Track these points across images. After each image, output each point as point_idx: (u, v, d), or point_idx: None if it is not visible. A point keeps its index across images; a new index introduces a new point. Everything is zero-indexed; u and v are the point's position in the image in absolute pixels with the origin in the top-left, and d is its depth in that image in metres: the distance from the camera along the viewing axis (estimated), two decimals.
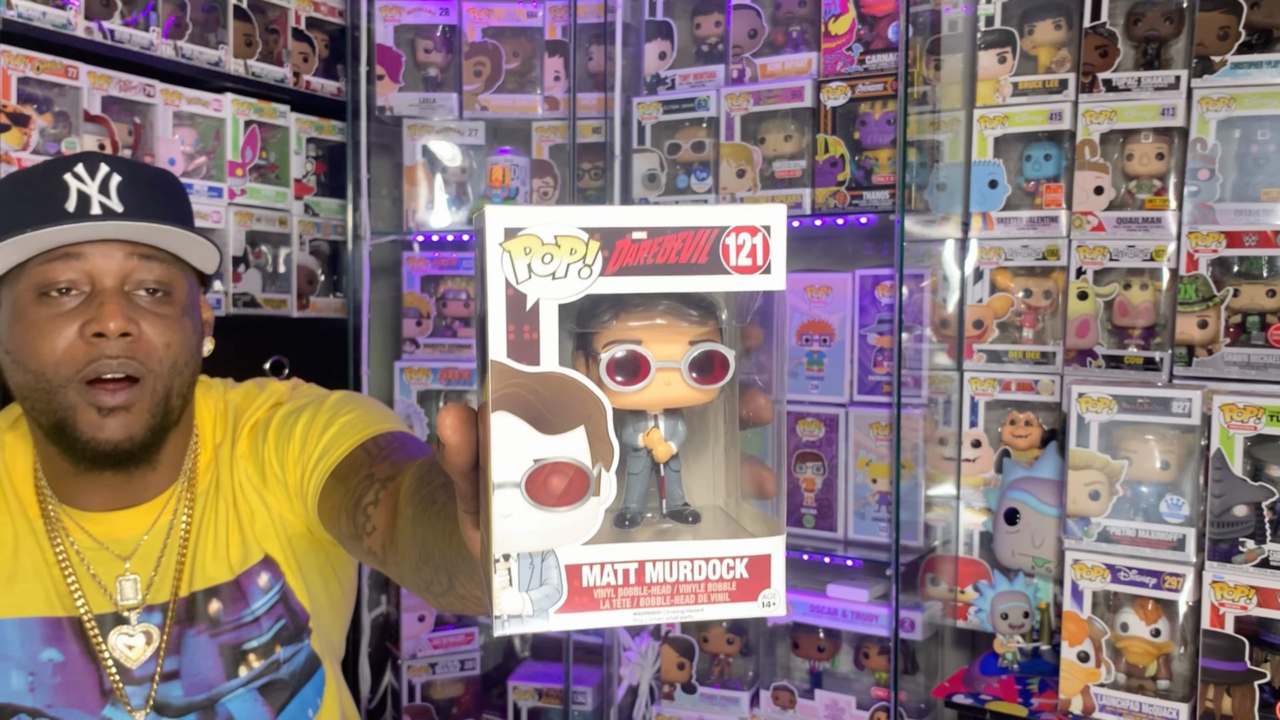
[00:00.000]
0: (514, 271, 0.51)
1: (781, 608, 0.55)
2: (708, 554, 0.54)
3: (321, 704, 1.20)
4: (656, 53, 2.19)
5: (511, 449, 0.51)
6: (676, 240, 0.52)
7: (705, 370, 0.56)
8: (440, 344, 2.39)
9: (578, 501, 0.52)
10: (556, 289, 0.51)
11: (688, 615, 0.54)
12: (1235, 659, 1.54)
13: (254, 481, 1.17)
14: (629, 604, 0.53)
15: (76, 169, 1.04)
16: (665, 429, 0.58)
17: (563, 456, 0.52)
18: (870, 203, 1.92)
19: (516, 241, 0.51)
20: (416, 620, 2.34)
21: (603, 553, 0.53)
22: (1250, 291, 1.72)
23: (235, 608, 1.15)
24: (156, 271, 1.07)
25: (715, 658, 2.10)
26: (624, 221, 0.51)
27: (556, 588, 0.52)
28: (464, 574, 0.75)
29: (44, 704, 1.09)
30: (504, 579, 0.52)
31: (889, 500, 1.92)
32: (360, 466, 1.05)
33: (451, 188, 2.40)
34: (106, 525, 1.13)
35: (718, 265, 0.53)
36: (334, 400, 1.17)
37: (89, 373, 1.03)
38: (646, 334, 0.55)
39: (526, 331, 0.51)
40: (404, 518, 0.88)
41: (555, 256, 0.51)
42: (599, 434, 0.53)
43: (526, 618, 0.52)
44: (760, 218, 0.53)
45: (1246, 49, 1.72)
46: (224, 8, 2.13)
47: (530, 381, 0.51)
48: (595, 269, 0.51)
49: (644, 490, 0.58)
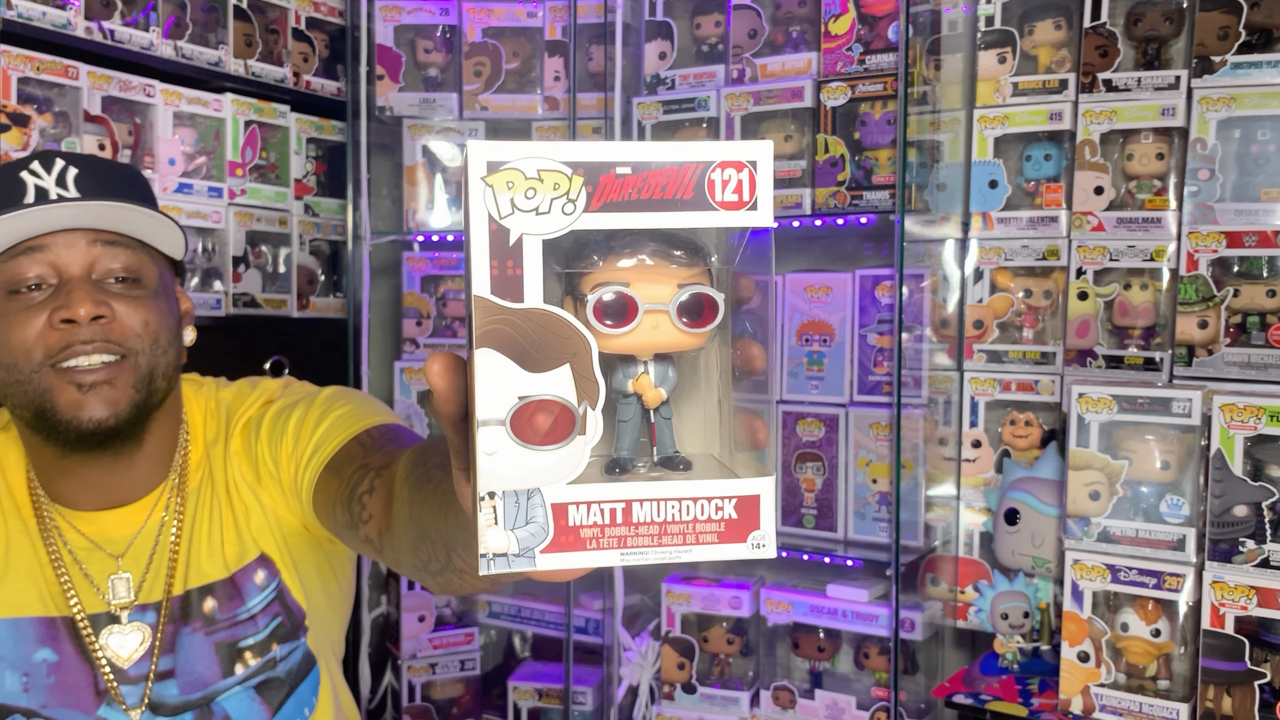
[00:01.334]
0: (496, 206, 0.50)
1: (771, 549, 0.54)
2: (696, 494, 0.53)
3: (318, 703, 1.20)
4: (656, 53, 2.19)
5: (496, 386, 0.51)
6: (661, 176, 0.52)
7: (694, 313, 0.55)
8: (440, 344, 2.39)
9: (563, 440, 0.52)
10: (540, 224, 0.51)
11: (675, 556, 0.53)
12: (1235, 659, 1.54)
13: (248, 479, 1.17)
14: (616, 544, 0.53)
15: (32, 165, 1.04)
16: (655, 375, 0.58)
17: (548, 394, 0.51)
18: (870, 203, 1.92)
19: (499, 176, 0.50)
20: (416, 620, 2.34)
21: (589, 492, 0.52)
22: (1250, 291, 1.72)
23: (230, 605, 1.14)
24: (123, 258, 1.07)
25: (715, 658, 2.10)
26: (608, 156, 0.51)
27: (542, 526, 0.52)
28: (461, 544, 0.75)
29: (39, 704, 1.09)
30: (489, 517, 0.51)
31: (889, 500, 1.92)
32: (354, 458, 1.05)
33: (451, 188, 2.40)
34: (98, 524, 1.13)
35: (703, 201, 0.52)
36: (326, 395, 1.17)
37: (61, 357, 1.02)
38: (634, 276, 0.54)
39: (510, 267, 0.51)
40: (400, 500, 0.88)
41: (538, 191, 0.50)
42: (584, 372, 0.52)
43: (512, 557, 0.52)
44: (746, 153, 0.52)
45: (1246, 49, 1.72)
46: (224, 8, 2.13)
47: (514, 318, 0.51)
48: (579, 204, 0.51)
49: (634, 438, 0.58)
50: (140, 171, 1.17)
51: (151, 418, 1.11)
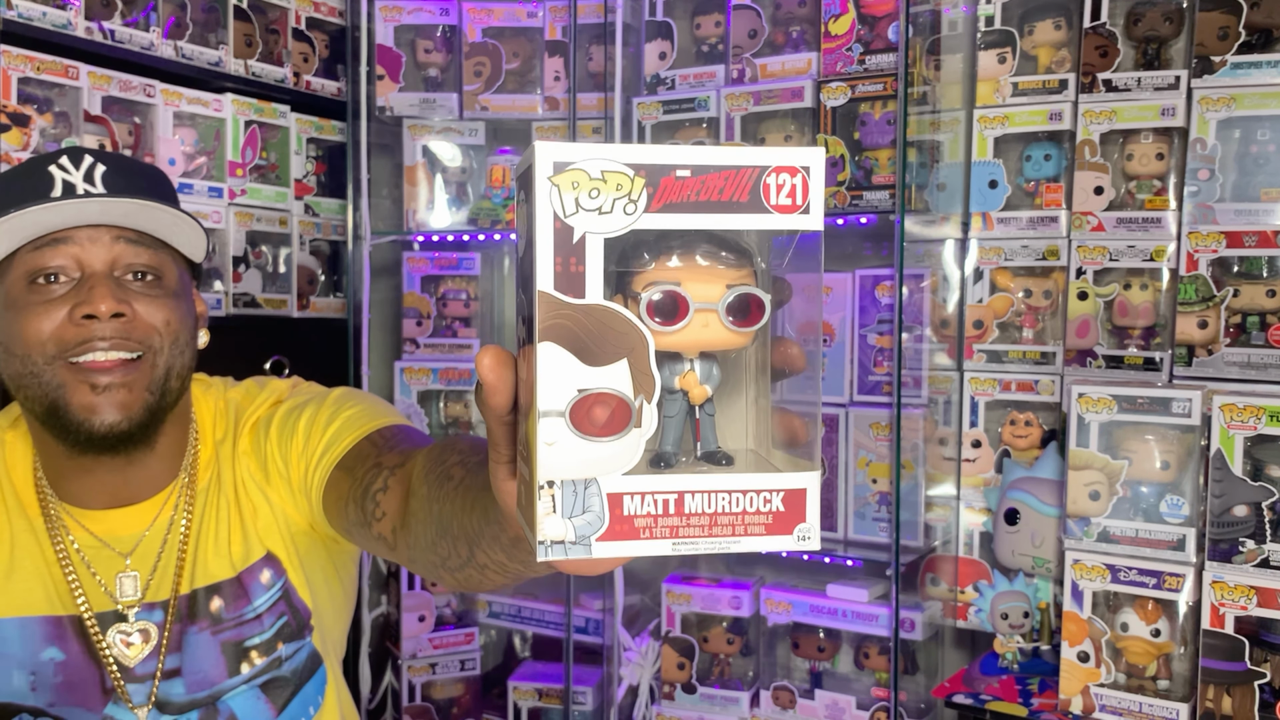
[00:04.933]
0: (562, 205, 0.52)
1: (816, 542, 0.56)
2: (745, 486, 0.55)
3: (323, 702, 1.20)
4: (656, 53, 2.19)
5: (557, 378, 0.53)
6: (719, 178, 0.53)
7: (742, 313, 0.57)
8: (440, 344, 2.39)
9: (620, 432, 0.54)
10: (603, 223, 0.53)
11: (725, 546, 0.55)
12: (1235, 659, 1.54)
13: (256, 478, 1.17)
14: (668, 534, 0.55)
15: (60, 160, 1.05)
16: (701, 372, 0.59)
17: (606, 387, 0.53)
18: (870, 203, 1.92)
19: (565, 176, 0.52)
20: (416, 620, 2.34)
21: (643, 482, 0.54)
22: (1250, 291, 1.72)
23: (237, 605, 1.15)
24: (145, 256, 1.07)
25: (715, 658, 2.10)
26: (669, 159, 0.53)
27: (599, 515, 0.54)
28: (487, 539, 0.75)
29: (46, 703, 1.09)
30: (548, 505, 0.53)
31: (889, 500, 1.92)
32: (366, 457, 1.05)
33: (451, 188, 2.40)
34: (106, 523, 1.13)
35: (758, 204, 0.54)
36: (336, 396, 1.18)
37: (77, 351, 1.03)
38: (685, 276, 0.56)
39: (573, 264, 0.53)
40: (418, 498, 0.89)
41: (602, 191, 0.52)
42: (641, 366, 0.54)
43: (569, 544, 0.54)
44: (800, 159, 0.54)
45: (1246, 49, 1.72)
46: (224, 8, 2.13)
47: (575, 313, 0.53)
48: (640, 205, 0.53)
49: (679, 433, 0.60)
50: (164, 172, 1.17)
51: (164, 419, 1.11)
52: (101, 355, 1.03)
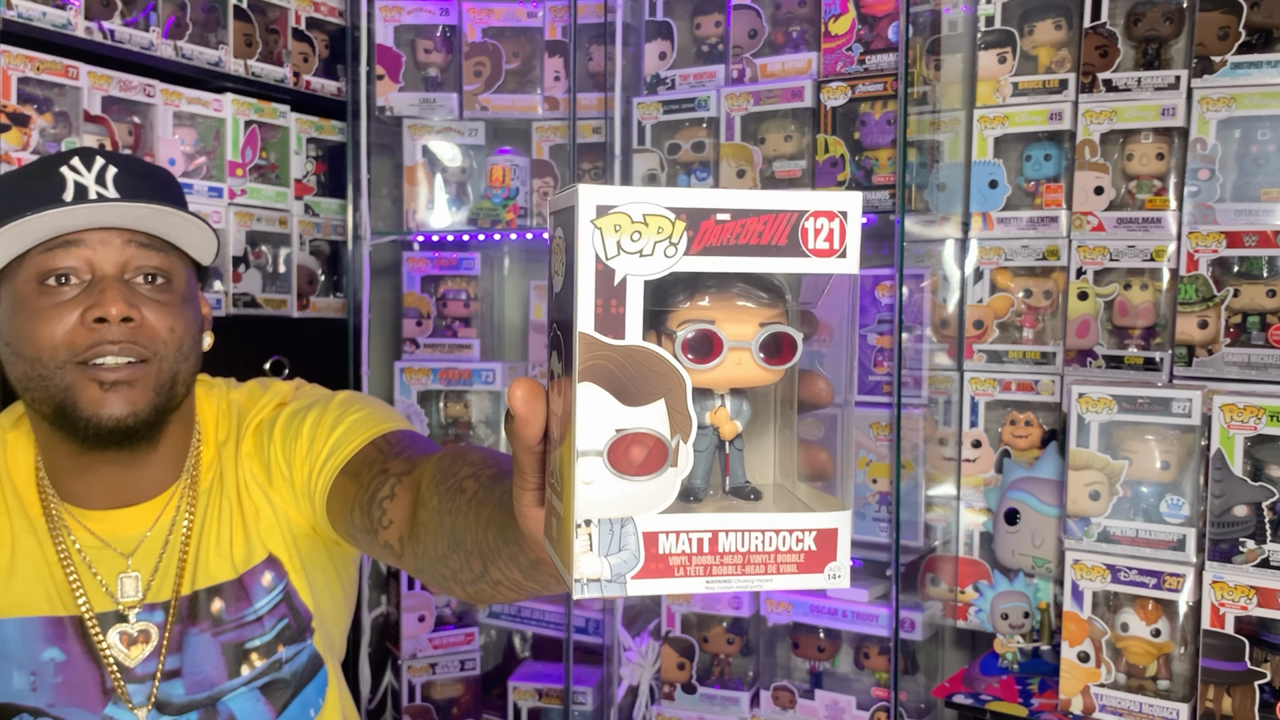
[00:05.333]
0: (604, 248, 0.53)
1: (846, 580, 0.57)
2: (778, 526, 0.56)
3: (324, 704, 1.20)
4: (656, 53, 2.19)
5: (595, 418, 0.53)
6: (758, 223, 0.54)
7: (774, 351, 0.58)
8: (440, 344, 2.39)
9: (656, 471, 0.54)
10: (643, 266, 0.53)
11: (757, 585, 0.56)
12: (1235, 659, 1.54)
13: (259, 480, 1.17)
14: (702, 572, 0.55)
15: (72, 161, 1.05)
16: (731, 408, 0.60)
17: (643, 427, 0.54)
18: (870, 203, 1.92)
19: (607, 219, 0.53)
20: (416, 620, 2.34)
21: (679, 521, 0.55)
22: (1250, 291, 1.72)
23: (238, 606, 1.15)
24: (155, 259, 1.07)
25: (715, 658, 2.10)
26: (709, 203, 0.53)
27: (634, 554, 0.54)
28: (503, 558, 0.75)
29: (46, 703, 1.09)
30: (585, 544, 0.54)
31: (889, 500, 1.92)
32: (373, 463, 1.05)
33: (451, 188, 2.40)
34: (108, 523, 1.13)
35: (796, 248, 0.55)
36: (341, 399, 1.17)
37: (87, 355, 1.03)
38: (719, 314, 0.57)
39: (613, 306, 0.53)
40: (428, 509, 0.88)
41: (643, 235, 0.53)
42: (678, 407, 0.55)
43: (605, 582, 0.54)
44: (838, 203, 0.55)
45: (1246, 49, 1.72)
46: (224, 8, 2.12)
47: (614, 354, 0.54)
48: (680, 248, 0.53)
49: (708, 468, 0.60)
50: (172, 174, 1.17)
51: (168, 420, 1.11)
52: (111, 360, 1.03)
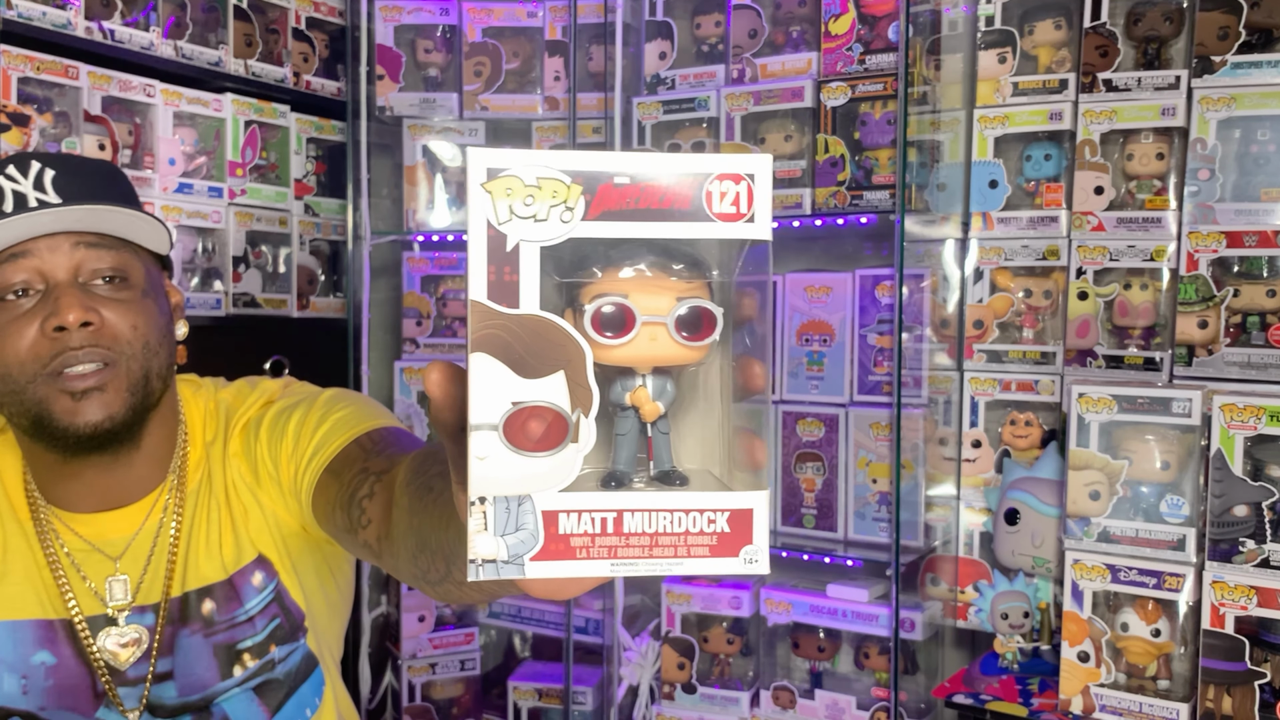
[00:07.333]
0: (495, 212, 0.51)
1: (765, 565, 0.53)
2: (688, 506, 0.53)
3: (320, 704, 1.20)
4: (656, 53, 2.19)
5: (489, 391, 0.51)
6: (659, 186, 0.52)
7: (693, 327, 0.55)
8: (440, 344, 2.39)
9: (556, 447, 0.52)
10: (537, 231, 0.51)
11: (666, 569, 0.53)
12: (1235, 659, 1.54)
13: (247, 480, 1.17)
14: (606, 554, 0.52)
15: (7, 170, 1.03)
16: (653, 388, 0.58)
17: (541, 400, 0.51)
18: (870, 203, 1.92)
19: (498, 182, 0.51)
20: (416, 620, 2.34)
21: (580, 500, 0.52)
22: (1250, 291, 1.72)
23: (229, 607, 1.14)
24: (108, 259, 1.06)
25: (715, 658, 2.10)
26: (607, 166, 0.51)
27: (532, 534, 0.52)
28: (462, 558, 0.74)
29: (37, 707, 1.09)
30: (479, 522, 0.51)
31: (889, 500, 1.92)
32: (354, 461, 1.05)
33: (451, 188, 2.40)
34: (96, 526, 1.13)
35: (701, 212, 0.52)
36: (327, 397, 1.17)
37: (55, 366, 1.02)
38: (633, 287, 0.55)
39: (507, 273, 0.51)
40: (400, 508, 0.88)
41: (537, 199, 0.51)
42: (578, 379, 0.52)
43: (501, 564, 0.51)
44: (745, 166, 0.52)
45: (1246, 49, 1.72)
46: (224, 8, 2.13)
47: (509, 323, 0.51)
48: (577, 213, 0.51)
49: (632, 452, 0.58)
50: (118, 168, 1.16)
51: (149, 417, 1.10)
52: (77, 367, 1.02)
